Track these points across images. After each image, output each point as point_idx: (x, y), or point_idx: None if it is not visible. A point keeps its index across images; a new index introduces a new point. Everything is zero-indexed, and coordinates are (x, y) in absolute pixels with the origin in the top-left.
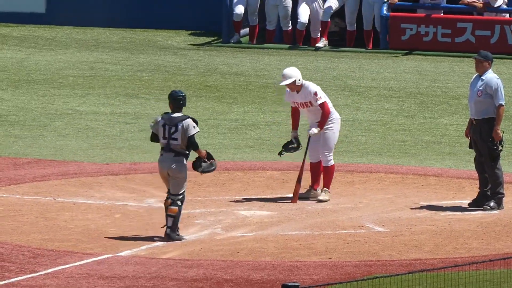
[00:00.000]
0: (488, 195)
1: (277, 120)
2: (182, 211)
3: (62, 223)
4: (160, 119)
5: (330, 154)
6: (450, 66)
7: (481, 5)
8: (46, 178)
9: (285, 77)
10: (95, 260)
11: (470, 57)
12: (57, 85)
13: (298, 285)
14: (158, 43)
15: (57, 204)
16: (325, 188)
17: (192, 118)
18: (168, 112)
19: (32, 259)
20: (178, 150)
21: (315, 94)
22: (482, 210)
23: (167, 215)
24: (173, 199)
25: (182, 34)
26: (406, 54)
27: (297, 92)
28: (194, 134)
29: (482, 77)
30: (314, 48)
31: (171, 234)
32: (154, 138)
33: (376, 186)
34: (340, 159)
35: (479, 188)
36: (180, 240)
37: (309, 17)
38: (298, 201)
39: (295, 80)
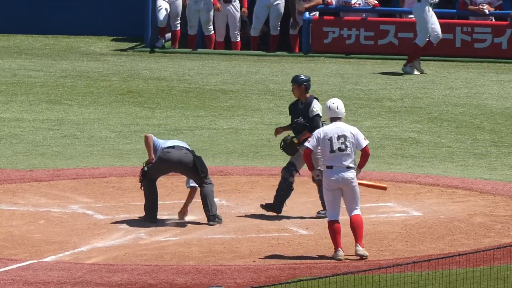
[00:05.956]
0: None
1: (200, 125)
2: (106, 217)
3: None
4: None
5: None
6: (373, 68)
7: (487, 10)
8: None
9: None
10: (19, 266)
11: (393, 59)
12: None
13: None
14: (81, 49)
15: None
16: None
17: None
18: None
19: None
20: None
21: None
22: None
23: None
24: None
25: (105, 40)
26: (328, 57)
27: None
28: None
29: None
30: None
31: None
32: None
33: (300, 189)
34: (264, 163)
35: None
36: None
37: (227, 21)
38: (224, 208)
39: None
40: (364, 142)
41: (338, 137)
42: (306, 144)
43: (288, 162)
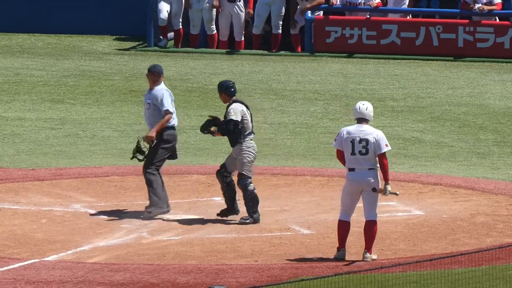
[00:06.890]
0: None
1: None
2: (108, 216)
3: None
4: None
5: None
6: (375, 68)
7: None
8: None
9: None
10: (21, 265)
11: (395, 59)
12: None
13: None
14: (83, 48)
15: None
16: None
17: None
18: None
19: None
20: None
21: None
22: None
23: None
24: None
25: (107, 39)
26: (331, 57)
27: None
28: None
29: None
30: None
31: None
32: None
33: (302, 188)
34: (266, 162)
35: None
36: None
37: (231, 21)
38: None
39: None
40: (385, 148)
41: (360, 140)
42: (334, 144)
43: (238, 174)
